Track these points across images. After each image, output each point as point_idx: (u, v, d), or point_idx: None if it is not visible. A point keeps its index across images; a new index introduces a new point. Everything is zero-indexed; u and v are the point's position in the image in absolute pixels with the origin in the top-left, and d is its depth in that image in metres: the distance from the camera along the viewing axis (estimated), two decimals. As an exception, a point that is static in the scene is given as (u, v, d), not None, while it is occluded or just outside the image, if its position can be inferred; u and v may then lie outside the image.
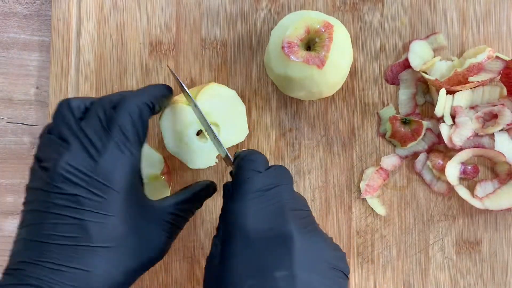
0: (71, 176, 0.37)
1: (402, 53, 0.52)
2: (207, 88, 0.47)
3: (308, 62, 0.45)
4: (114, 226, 0.37)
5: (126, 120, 0.39)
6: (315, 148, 0.52)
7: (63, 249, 0.36)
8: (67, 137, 0.39)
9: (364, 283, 0.51)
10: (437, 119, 0.51)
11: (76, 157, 0.38)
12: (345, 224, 0.52)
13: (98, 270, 0.37)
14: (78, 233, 0.36)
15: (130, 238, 0.38)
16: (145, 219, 0.40)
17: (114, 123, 0.39)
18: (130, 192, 0.39)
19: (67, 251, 0.36)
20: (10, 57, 0.54)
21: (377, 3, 0.52)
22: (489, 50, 0.49)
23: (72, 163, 0.37)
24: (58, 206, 0.37)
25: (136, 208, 0.39)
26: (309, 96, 0.48)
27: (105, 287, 0.37)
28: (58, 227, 0.36)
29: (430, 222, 0.51)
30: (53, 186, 0.37)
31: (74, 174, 0.37)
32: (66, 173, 0.37)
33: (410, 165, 0.52)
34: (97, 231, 0.37)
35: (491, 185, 0.50)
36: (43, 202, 0.37)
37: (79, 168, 0.37)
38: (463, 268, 0.51)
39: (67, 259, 0.36)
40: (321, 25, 0.46)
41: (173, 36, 0.53)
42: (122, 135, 0.38)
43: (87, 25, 0.53)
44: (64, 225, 0.36)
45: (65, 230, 0.36)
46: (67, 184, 0.37)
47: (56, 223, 0.36)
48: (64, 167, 0.37)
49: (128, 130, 0.39)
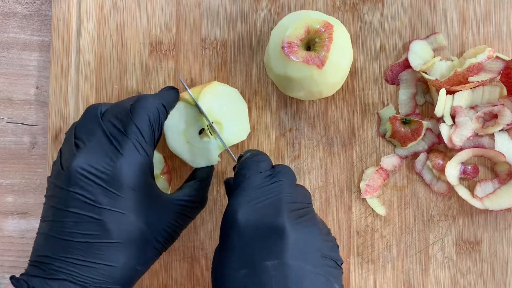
0: (89, 176, 0.39)
1: (402, 53, 0.52)
2: (210, 86, 0.48)
3: (308, 62, 0.45)
4: (131, 223, 0.40)
5: (143, 121, 0.41)
6: (315, 148, 0.52)
7: (86, 246, 0.39)
8: (87, 138, 0.41)
9: (364, 283, 0.51)
10: (437, 119, 0.51)
11: (95, 157, 0.40)
12: (345, 224, 0.52)
13: (120, 264, 0.39)
14: (98, 230, 0.39)
15: (146, 231, 0.41)
16: (159, 212, 0.42)
17: (132, 124, 0.41)
18: (144, 190, 0.41)
19: (89, 248, 0.39)
20: (10, 57, 0.54)
21: (377, 3, 0.52)
22: (489, 50, 0.49)
23: (91, 163, 0.39)
24: (77, 205, 0.39)
25: (151, 203, 0.42)
26: (309, 96, 0.48)
27: (126, 277, 0.40)
28: (78, 225, 0.39)
29: (430, 222, 0.51)
30: (72, 185, 0.39)
31: (93, 174, 0.39)
32: (84, 173, 0.39)
33: (410, 165, 0.52)
34: (116, 228, 0.39)
35: (491, 185, 0.50)
36: (63, 200, 0.39)
37: (97, 168, 0.39)
38: (463, 268, 0.51)
39: (91, 256, 0.39)
40: (321, 25, 0.46)
41: (173, 36, 0.53)
42: (139, 136, 0.41)
43: (87, 25, 0.53)
44: (84, 223, 0.39)
45: (86, 228, 0.39)
46: (85, 183, 0.39)
47: (76, 221, 0.39)
48: (82, 166, 0.39)
49: (146, 131, 0.41)
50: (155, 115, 0.42)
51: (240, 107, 0.49)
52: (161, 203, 0.43)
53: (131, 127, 0.41)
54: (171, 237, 0.43)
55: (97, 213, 0.39)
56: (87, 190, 0.39)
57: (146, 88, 0.53)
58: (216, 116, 0.48)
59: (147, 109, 0.42)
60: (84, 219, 0.39)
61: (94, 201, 0.39)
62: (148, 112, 0.42)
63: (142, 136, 0.41)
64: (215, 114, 0.48)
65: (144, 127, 0.41)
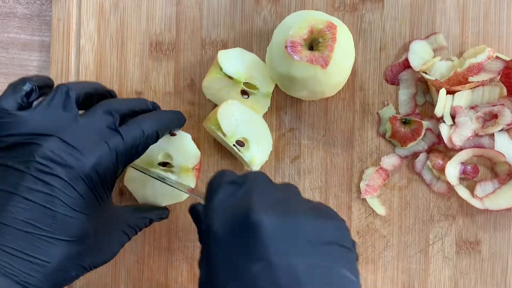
0: (53, 164, 0.36)
1: (402, 53, 0.52)
2: (227, 105, 0.48)
3: (312, 62, 0.45)
4: (80, 223, 0.37)
5: (132, 139, 0.40)
6: (315, 148, 0.52)
7: (27, 237, 0.35)
8: (63, 124, 0.38)
9: (364, 283, 0.51)
10: (437, 119, 0.51)
11: (64, 146, 0.37)
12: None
13: (56, 263, 0.36)
14: (45, 222, 0.36)
15: (91, 238, 0.38)
16: (108, 225, 0.41)
17: (118, 134, 0.39)
18: (103, 195, 0.39)
19: (31, 239, 0.35)
20: (10, 57, 0.54)
21: (377, 3, 0.52)
22: (489, 50, 0.49)
23: (57, 151, 0.37)
24: (32, 191, 0.36)
25: (103, 212, 0.40)
26: (311, 96, 0.48)
27: (57, 280, 0.37)
28: (26, 212, 0.36)
29: (430, 222, 0.51)
30: (32, 169, 0.36)
31: (58, 163, 0.36)
32: (49, 159, 0.36)
33: (410, 165, 0.52)
34: (64, 223, 0.36)
35: (491, 185, 0.50)
36: (15, 184, 0.36)
37: (64, 157, 0.37)
38: (463, 268, 0.51)
39: (28, 247, 0.35)
40: (324, 25, 0.46)
41: (173, 36, 0.53)
42: (117, 146, 0.39)
43: (87, 25, 0.53)
44: (32, 211, 0.36)
45: (33, 217, 0.36)
46: (47, 170, 0.36)
47: (25, 208, 0.36)
48: (48, 153, 0.36)
49: (127, 147, 0.39)
50: (143, 141, 0.41)
51: (261, 122, 0.51)
52: (112, 215, 0.42)
53: (114, 136, 0.39)
54: (112, 252, 0.42)
55: (50, 203, 0.36)
56: (46, 178, 0.36)
57: (146, 88, 0.53)
58: (242, 133, 0.49)
59: (140, 132, 0.40)
60: (34, 207, 0.36)
61: (50, 191, 0.36)
62: (139, 135, 0.40)
63: (117, 150, 0.39)
64: (241, 130, 0.49)
65: (129, 140, 0.40)
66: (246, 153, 0.48)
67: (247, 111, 0.49)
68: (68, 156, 0.37)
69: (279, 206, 0.34)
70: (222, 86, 0.49)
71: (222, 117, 0.48)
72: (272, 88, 0.50)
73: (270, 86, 0.50)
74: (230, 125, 0.48)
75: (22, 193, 0.36)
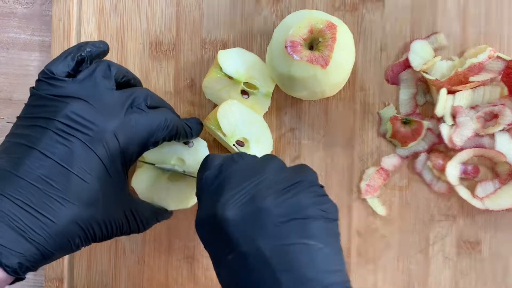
0: (75, 124, 0.37)
1: (402, 53, 0.52)
2: (227, 105, 0.49)
3: (312, 61, 0.45)
4: (92, 189, 0.37)
5: (157, 120, 0.42)
6: (315, 148, 0.52)
7: (39, 193, 0.36)
8: (96, 93, 0.39)
9: (364, 283, 0.51)
10: (438, 119, 0.51)
11: (90, 107, 0.38)
12: (345, 224, 0.52)
13: (62, 224, 0.36)
14: (59, 181, 0.36)
15: (99, 208, 0.38)
16: (115, 201, 0.40)
17: (146, 113, 0.41)
18: (119, 167, 0.39)
19: (42, 197, 0.36)
20: (10, 57, 0.54)
21: (377, 2, 0.52)
22: (490, 50, 0.49)
23: (81, 113, 0.37)
24: (51, 147, 0.36)
25: (114, 185, 0.39)
26: (311, 96, 0.48)
27: (60, 242, 0.37)
28: (42, 168, 0.36)
29: (430, 222, 0.51)
30: (53, 127, 0.37)
31: (80, 123, 0.37)
32: (71, 119, 0.37)
33: (410, 165, 0.52)
34: (77, 186, 0.37)
35: (491, 185, 0.50)
36: (36, 139, 0.36)
37: (88, 117, 0.37)
38: (463, 268, 0.51)
39: (39, 204, 0.36)
40: (324, 25, 0.46)
41: (173, 36, 0.53)
42: (140, 123, 0.40)
43: (87, 25, 0.53)
44: (49, 168, 0.36)
45: (48, 174, 0.36)
46: (67, 130, 0.37)
47: (41, 164, 0.36)
48: (71, 114, 0.37)
49: (151, 128, 0.41)
50: (165, 128, 0.42)
51: (260, 122, 0.51)
52: (122, 196, 0.41)
53: (142, 114, 0.41)
54: (112, 230, 0.41)
55: (67, 162, 0.36)
56: (67, 137, 0.36)
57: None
58: (242, 132, 0.49)
59: (164, 118, 0.42)
60: (50, 165, 0.36)
61: (69, 150, 0.36)
62: (162, 121, 0.42)
63: (140, 127, 0.40)
64: (240, 130, 0.49)
65: (152, 123, 0.41)
66: (247, 151, 0.48)
67: (247, 111, 0.49)
68: (92, 119, 0.37)
69: (246, 195, 0.36)
70: (222, 86, 0.49)
71: (222, 117, 0.48)
72: (273, 88, 0.50)
73: (270, 86, 0.50)
74: (230, 125, 0.48)
75: (41, 148, 0.36)
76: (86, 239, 0.39)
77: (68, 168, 0.36)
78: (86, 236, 0.38)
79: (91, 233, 0.39)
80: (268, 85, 0.50)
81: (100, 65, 0.41)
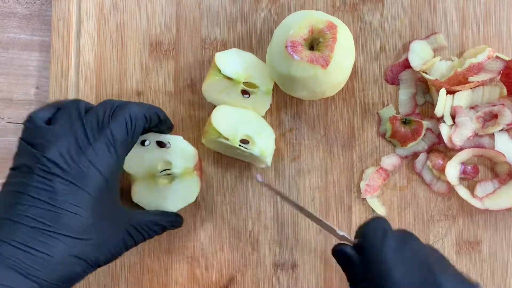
0: (57, 162, 0.39)
1: (402, 53, 0.52)
2: (218, 111, 0.49)
3: (312, 61, 0.45)
4: (83, 220, 0.39)
5: (121, 126, 0.42)
6: (315, 148, 0.52)
7: (33, 232, 0.38)
8: (64, 127, 0.41)
9: (364, 283, 0.51)
10: (437, 119, 0.51)
11: (65, 146, 0.40)
12: (345, 224, 0.52)
13: (58, 257, 0.38)
14: (49, 218, 0.38)
15: (94, 236, 0.40)
16: (112, 224, 0.42)
17: (107, 127, 0.41)
18: (106, 191, 0.41)
19: (36, 234, 0.38)
20: (10, 57, 0.54)
21: (377, 3, 0.52)
22: (489, 50, 0.49)
23: (60, 150, 0.39)
24: (36, 189, 0.39)
25: (107, 209, 0.41)
26: (312, 96, 0.48)
27: (61, 274, 0.39)
28: (31, 209, 0.38)
29: (430, 222, 0.51)
30: (38, 169, 0.39)
31: (60, 161, 0.39)
32: (53, 159, 0.39)
33: (410, 165, 0.52)
34: (67, 220, 0.39)
35: (491, 185, 0.50)
36: (21, 184, 0.39)
37: (65, 157, 0.39)
38: (463, 268, 0.51)
39: (34, 242, 0.38)
40: (325, 25, 0.46)
41: (173, 36, 0.53)
42: (112, 137, 0.41)
43: (87, 25, 0.53)
44: (38, 208, 0.38)
45: (38, 213, 0.38)
46: (50, 169, 0.39)
47: (30, 205, 0.38)
48: (53, 153, 0.39)
49: (121, 133, 0.42)
50: (135, 119, 0.43)
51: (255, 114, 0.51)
52: (118, 214, 0.43)
53: (106, 129, 0.41)
54: (115, 251, 0.43)
55: (53, 200, 0.38)
56: (49, 176, 0.39)
57: (146, 88, 0.53)
58: (245, 130, 0.49)
59: (130, 111, 0.42)
60: (38, 204, 0.38)
61: (52, 188, 0.38)
62: (127, 118, 0.42)
63: (114, 137, 0.41)
64: (242, 129, 0.49)
65: (121, 128, 0.42)
66: (254, 148, 0.48)
67: (239, 111, 0.49)
68: (69, 157, 0.40)
69: (449, 266, 0.40)
70: (222, 88, 0.49)
71: (218, 123, 0.48)
72: (272, 85, 0.50)
73: (270, 83, 0.50)
74: (228, 128, 0.48)
75: (29, 192, 0.39)
76: (88, 266, 0.40)
77: (56, 205, 0.38)
78: (86, 263, 0.40)
79: (91, 260, 0.40)
80: (267, 83, 0.50)
81: (71, 106, 0.43)
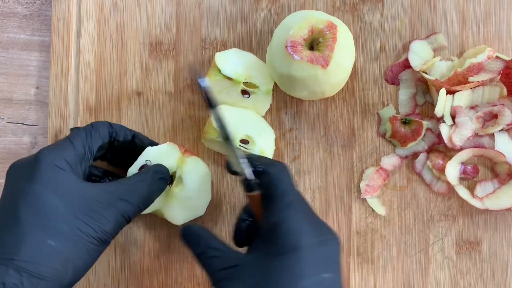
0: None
1: (402, 53, 0.52)
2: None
3: (312, 61, 0.45)
4: (62, 255, 0.40)
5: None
6: (315, 148, 0.52)
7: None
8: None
9: (364, 283, 0.51)
10: (437, 119, 0.51)
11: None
12: (345, 224, 0.52)
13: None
14: (33, 270, 0.39)
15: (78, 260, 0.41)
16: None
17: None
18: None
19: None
20: (10, 57, 0.54)
21: (377, 3, 0.52)
22: (489, 50, 0.49)
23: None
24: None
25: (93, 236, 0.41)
26: (312, 96, 0.48)
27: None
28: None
29: (430, 222, 0.51)
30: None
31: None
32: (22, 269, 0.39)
33: (410, 165, 0.52)
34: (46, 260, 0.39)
35: (491, 185, 0.50)
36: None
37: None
38: (463, 268, 0.51)
39: None
40: (325, 25, 0.46)
41: (173, 36, 0.53)
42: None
43: (87, 25, 0.53)
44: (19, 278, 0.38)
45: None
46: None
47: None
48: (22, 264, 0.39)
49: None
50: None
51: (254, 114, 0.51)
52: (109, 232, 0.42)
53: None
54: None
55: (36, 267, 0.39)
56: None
57: (146, 88, 0.53)
58: (244, 130, 0.49)
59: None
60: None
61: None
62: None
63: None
64: (242, 128, 0.49)
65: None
66: (254, 147, 0.48)
67: (238, 111, 0.49)
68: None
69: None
70: (222, 88, 0.49)
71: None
72: (272, 85, 0.50)
73: (270, 83, 0.50)
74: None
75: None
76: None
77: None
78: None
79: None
80: (267, 83, 0.50)
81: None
